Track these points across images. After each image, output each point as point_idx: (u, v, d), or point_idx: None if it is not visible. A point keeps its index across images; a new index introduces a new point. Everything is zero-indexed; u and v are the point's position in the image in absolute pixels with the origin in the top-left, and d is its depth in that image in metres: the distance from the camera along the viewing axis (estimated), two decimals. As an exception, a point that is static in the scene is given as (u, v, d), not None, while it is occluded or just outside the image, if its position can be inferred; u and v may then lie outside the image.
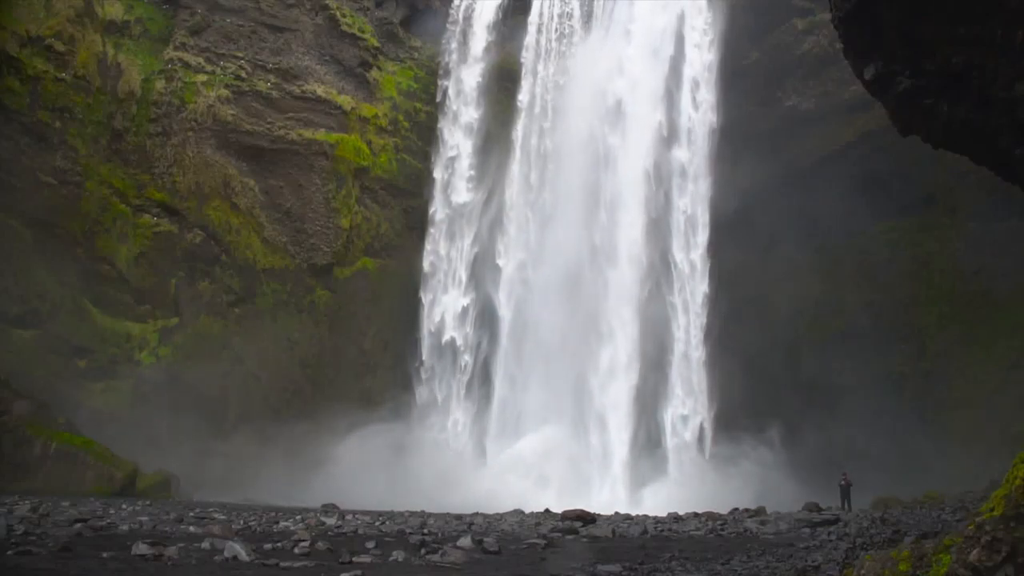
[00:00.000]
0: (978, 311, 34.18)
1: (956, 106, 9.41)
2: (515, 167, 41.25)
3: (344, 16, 42.78)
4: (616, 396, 35.12)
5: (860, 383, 34.09)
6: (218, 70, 40.75)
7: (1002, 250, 32.53)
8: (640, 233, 36.83)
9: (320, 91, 41.62)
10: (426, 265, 41.78)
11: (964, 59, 8.82)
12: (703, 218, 37.58)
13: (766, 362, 36.48)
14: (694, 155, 38.16)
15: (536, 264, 39.14)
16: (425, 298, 41.55)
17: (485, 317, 40.36)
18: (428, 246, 42.02)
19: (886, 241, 37.12)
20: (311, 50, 42.25)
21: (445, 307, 41.11)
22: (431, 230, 42.19)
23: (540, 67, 41.98)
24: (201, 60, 40.68)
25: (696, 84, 38.69)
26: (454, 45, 43.80)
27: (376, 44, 43.65)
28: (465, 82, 43.13)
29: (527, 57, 42.29)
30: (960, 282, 35.30)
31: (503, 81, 42.87)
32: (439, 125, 43.25)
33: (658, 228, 37.27)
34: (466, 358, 40.24)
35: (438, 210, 42.30)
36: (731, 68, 38.28)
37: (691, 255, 37.45)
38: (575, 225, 37.92)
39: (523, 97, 41.93)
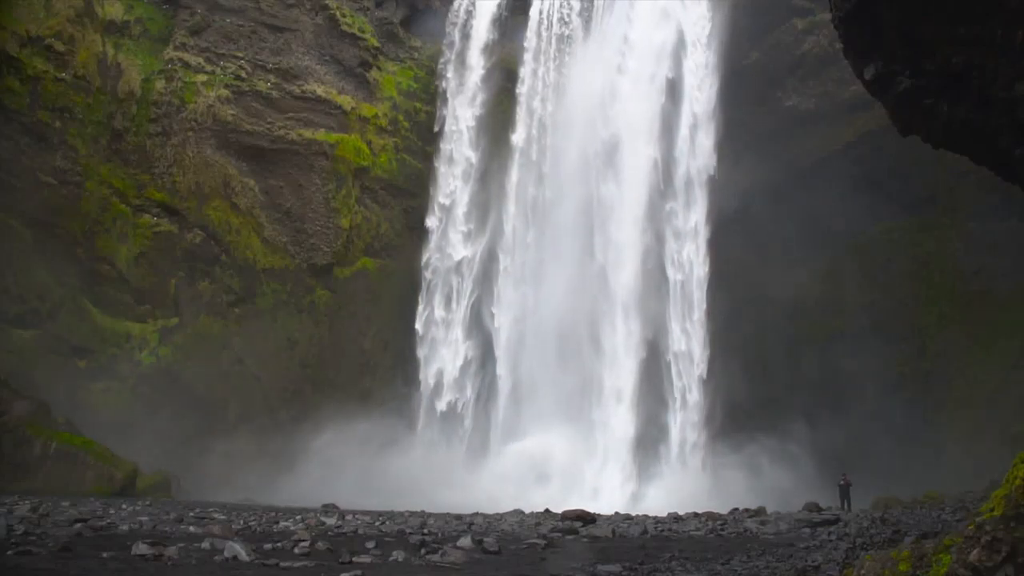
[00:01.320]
0: (978, 311, 34.18)
1: (956, 106, 9.41)
2: (510, 224, 39.99)
3: (344, 16, 42.77)
4: (611, 476, 34.29)
5: (860, 383, 34.09)
6: (218, 70, 40.75)
7: (1002, 250, 32.55)
8: (636, 286, 36.03)
9: (320, 91, 41.62)
10: (419, 325, 40.38)
11: (964, 59, 8.82)
12: (699, 293, 36.41)
13: (765, 362, 36.51)
14: (691, 212, 36.99)
15: (532, 321, 38.09)
16: (420, 352, 40.12)
17: (484, 367, 39.32)
18: (421, 304, 40.58)
19: (886, 241, 37.14)
20: (311, 50, 42.24)
21: (443, 364, 39.73)
22: (426, 275, 40.88)
23: (536, 103, 40.73)
24: (201, 60, 40.68)
25: (695, 126, 37.53)
26: (451, 73, 42.76)
27: (376, 44, 43.63)
28: (462, 119, 42.02)
29: (522, 91, 41.16)
30: (960, 282, 35.32)
31: (504, 82, 42.71)
32: (435, 164, 42.03)
33: (653, 280, 36.41)
34: (467, 423, 38.85)
35: (431, 259, 40.98)
36: (731, 68, 38.20)
37: (687, 325, 36.23)
38: (570, 279, 37.00)
39: (518, 138, 40.69)
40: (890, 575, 6.29)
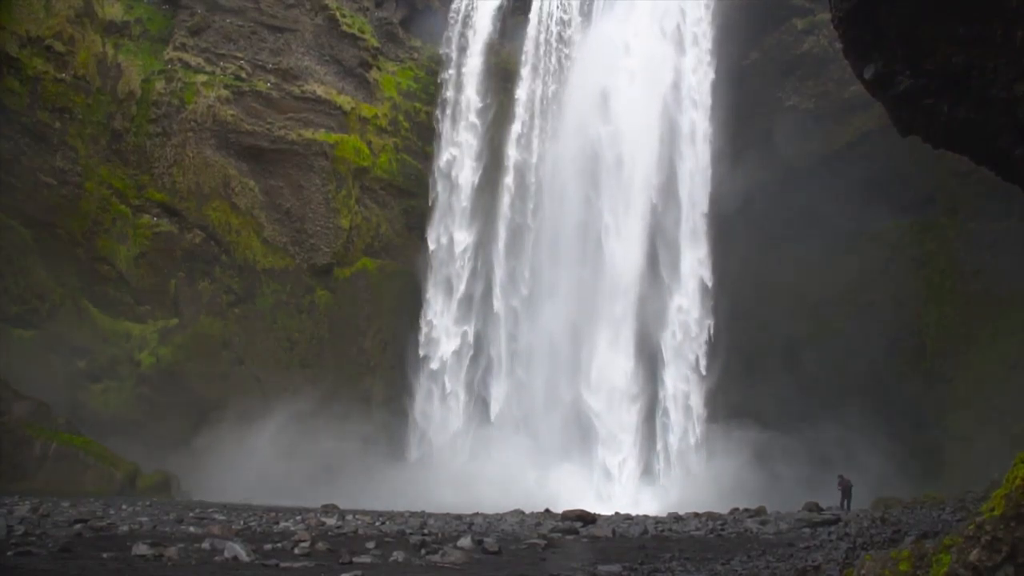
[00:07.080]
0: (978, 311, 34.17)
1: (956, 106, 9.40)
2: (505, 227, 39.77)
3: (344, 16, 42.75)
4: (610, 476, 34.14)
5: (859, 382, 34.06)
6: (218, 70, 40.75)
7: (1002, 250, 32.55)
8: (636, 285, 35.79)
9: (320, 91, 41.61)
10: (422, 323, 40.19)
11: (964, 59, 8.82)
12: (699, 292, 35.95)
13: (765, 362, 36.48)
14: (691, 212, 36.62)
15: (531, 321, 37.92)
16: (421, 351, 39.80)
17: (485, 365, 39.14)
18: (423, 303, 40.60)
19: (886, 241, 37.11)
20: (311, 50, 42.24)
21: (443, 363, 39.35)
22: (428, 273, 40.72)
23: (536, 103, 40.51)
24: (201, 60, 40.69)
25: (694, 125, 37.10)
26: (450, 73, 42.57)
27: (376, 44, 43.61)
28: (462, 118, 41.93)
29: (522, 91, 40.92)
30: (960, 282, 35.31)
31: (504, 82, 42.71)
32: (435, 164, 41.81)
33: (653, 280, 36.07)
34: (467, 422, 38.38)
35: (432, 258, 40.64)
36: (731, 68, 38.18)
37: (686, 325, 35.88)
38: (570, 278, 36.79)
39: (516, 137, 40.46)
40: (890, 575, 6.29)
